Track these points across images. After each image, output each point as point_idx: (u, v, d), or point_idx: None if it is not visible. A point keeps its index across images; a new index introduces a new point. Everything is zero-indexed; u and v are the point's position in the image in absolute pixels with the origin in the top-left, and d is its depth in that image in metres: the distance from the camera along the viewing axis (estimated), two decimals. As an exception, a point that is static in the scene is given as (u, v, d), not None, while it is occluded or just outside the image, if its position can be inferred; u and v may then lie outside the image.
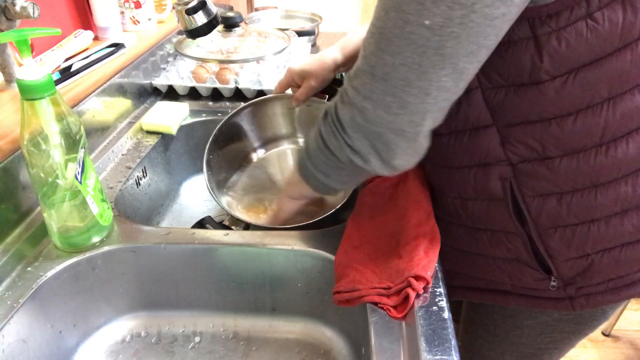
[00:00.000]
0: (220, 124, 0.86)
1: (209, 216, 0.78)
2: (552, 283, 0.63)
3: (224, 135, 0.87)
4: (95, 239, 0.67)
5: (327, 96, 0.84)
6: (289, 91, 0.87)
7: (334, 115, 0.53)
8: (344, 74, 0.83)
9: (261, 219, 0.83)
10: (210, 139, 0.85)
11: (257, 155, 0.94)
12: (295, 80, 0.83)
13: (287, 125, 0.93)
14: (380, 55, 0.46)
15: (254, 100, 0.89)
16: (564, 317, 0.69)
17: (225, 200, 0.85)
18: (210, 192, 0.80)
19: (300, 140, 0.94)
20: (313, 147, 0.58)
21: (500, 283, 0.68)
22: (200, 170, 1.06)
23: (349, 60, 0.77)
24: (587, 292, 0.63)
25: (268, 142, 0.95)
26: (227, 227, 0.76)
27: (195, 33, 0.86)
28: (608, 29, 0.49)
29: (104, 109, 0.92)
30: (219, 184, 0.86)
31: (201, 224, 0.76)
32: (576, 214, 0.58)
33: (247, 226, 0.76)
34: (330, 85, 0.83)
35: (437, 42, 0.43)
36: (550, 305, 0.66)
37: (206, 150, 0.83)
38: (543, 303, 0.66)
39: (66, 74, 0.84)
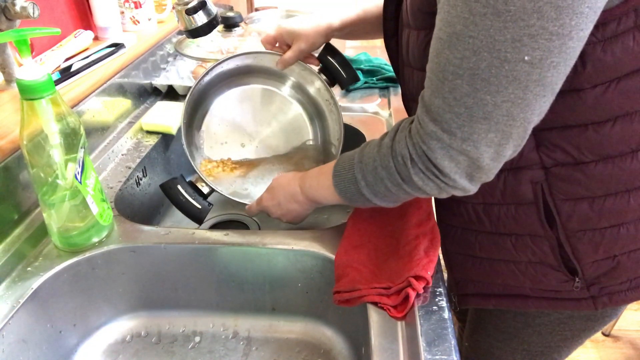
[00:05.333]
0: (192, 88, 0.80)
1: (181, 175, 0.77)
2: (576, 284, 0.63)
3: (195, 96, 0.83)
4: (95, 239, 0.67)
5: (319, 64, 0.82)
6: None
7: (428, 162, 0.51)
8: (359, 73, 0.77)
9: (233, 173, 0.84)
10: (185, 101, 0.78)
11: (219, 99, 0.89)
12: (284, 38, 0.78)
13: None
14: (478, 96, 0.45)
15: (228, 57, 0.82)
16: (576, 315, 0.69)
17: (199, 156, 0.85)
18: (186, 149, 0.77)
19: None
20: (381, 183, 0.56)
21: (519, 287, 0.67)
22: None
23: (346, 26, 0.75)
24: (609, 291, 0.63)
25: (230, 85, 0.89)
26: (193, 185, 0.76)
27: (195, 33, 0.86)
28: None
29: (104, 109, 0.92)
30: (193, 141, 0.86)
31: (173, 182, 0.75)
32: (607, 218, 0.59)
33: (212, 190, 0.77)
34: (323, 51, 0.80)
35: (538, 75, 0.43)
36: (571, 306, 0.65)
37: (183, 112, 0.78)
38: (564, 304, 0.66)
39: (66, 74, 0.84)
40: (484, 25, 0.42)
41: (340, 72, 0.83)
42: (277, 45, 0.81)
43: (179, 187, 0.74)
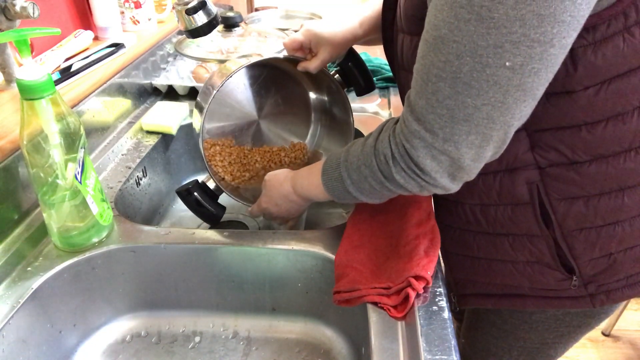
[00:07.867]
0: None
1: (197, 180, 0.77)
2: (574, 282, 0.64)
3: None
4: (95, 239, 0.67)
5: (338, 76, 0.82)
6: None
7: (409, 161, 0.52)
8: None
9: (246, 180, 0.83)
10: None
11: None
12: (311, 44, 0.76)
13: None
14: (459, 98, 0.46)
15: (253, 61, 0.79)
16: (572, 311, 0.69)
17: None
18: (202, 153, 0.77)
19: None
20: (365, 181, 0.57)
21: (517, 287, 0.68)
22: (200, 170, 1.06)
23: (367, 35, 0.76)
24: (607, 289, 0.64)
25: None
26: (207, 189, 0.76)
27: (195, 33, 0.86)
28: None
29: (104, 109, 0.92)
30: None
31: (189, 192, 0.76)
32: (603, 216, 0.59)
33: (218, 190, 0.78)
34: (345, 59, 0.80)
35: (518, 80, 0.44)
36: (570, 305, 0.66)
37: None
38: (563, 302, 0.66)
39: (66, 74, 0.84)
40: (467, 31, 0.43)
41: (358, 80, 0.83)
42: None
43: (196, 194, 0.75)
